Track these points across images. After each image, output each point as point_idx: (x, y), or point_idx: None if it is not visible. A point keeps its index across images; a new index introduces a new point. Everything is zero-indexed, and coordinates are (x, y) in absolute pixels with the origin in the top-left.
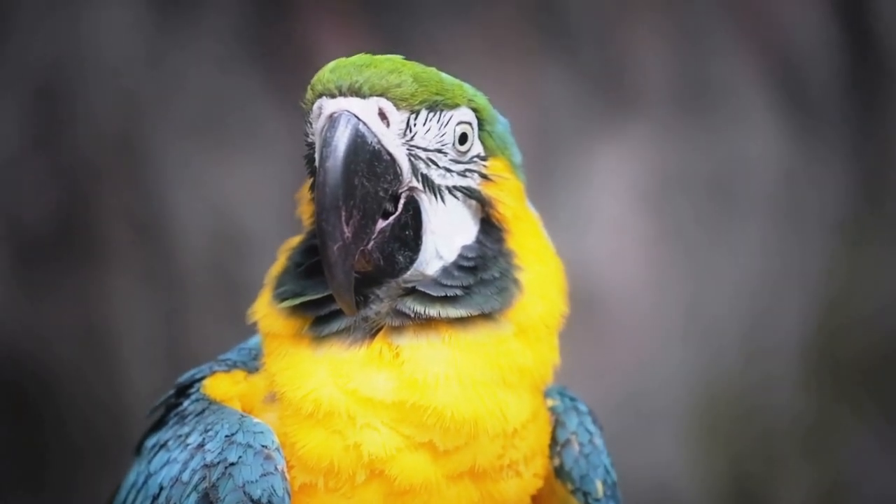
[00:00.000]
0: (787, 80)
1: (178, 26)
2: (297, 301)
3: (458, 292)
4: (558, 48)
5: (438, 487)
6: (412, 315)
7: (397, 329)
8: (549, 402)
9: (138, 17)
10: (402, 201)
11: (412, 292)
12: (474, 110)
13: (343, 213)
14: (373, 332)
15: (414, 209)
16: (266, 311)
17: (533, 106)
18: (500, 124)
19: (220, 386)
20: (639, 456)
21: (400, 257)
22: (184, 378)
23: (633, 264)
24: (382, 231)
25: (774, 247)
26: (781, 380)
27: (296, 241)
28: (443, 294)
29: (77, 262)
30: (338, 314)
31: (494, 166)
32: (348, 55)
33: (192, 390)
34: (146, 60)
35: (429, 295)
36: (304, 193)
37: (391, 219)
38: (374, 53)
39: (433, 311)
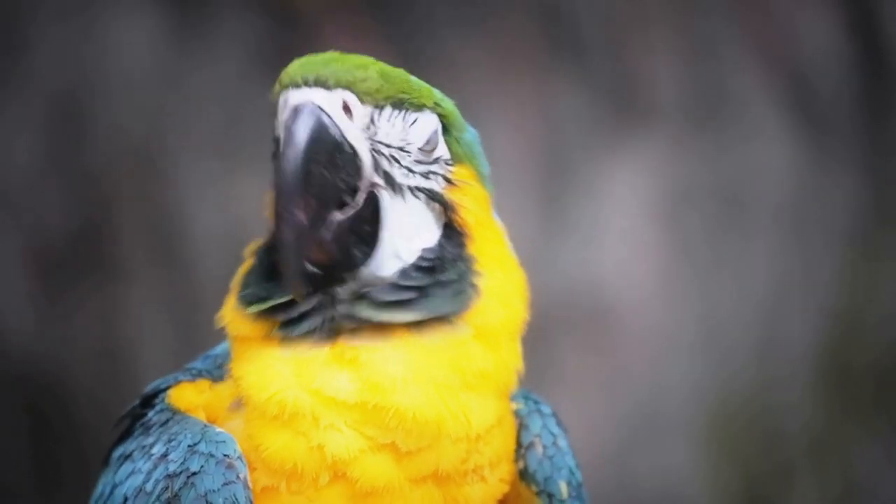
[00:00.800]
0: (799, 93)
1: (196, 41)
2: (264, 306)
3: (412, 295)
4: (570, 62)
5: (402, 490)
6: (364, 319)
7: (354, 332)
8: (514, 406)
9: (157, 32)
10: (362, 195)
11: (363, 298)
12: (440, 115)
13: (301, 200)
14: (333, 331)
15: (374, 206)
16: (233, 315)
17: (545, 119)
18: (469, 133)
19: (185, 396)
20: (650, 465)
21: (356, 252)
22: (149, 388)
23: (645, 276)
24: (341, 224)
25: (785, 259)
26: (792, 390)
27: (259, 242)
28: (394, 299)
29: (95, 277)
30: (305, 316)
31: (460, 172)
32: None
33: (157, 400)
34: (164, 75)
35: (380, 300)
36: (270, 197)
37: (350, 212)
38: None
39: (385, 315)
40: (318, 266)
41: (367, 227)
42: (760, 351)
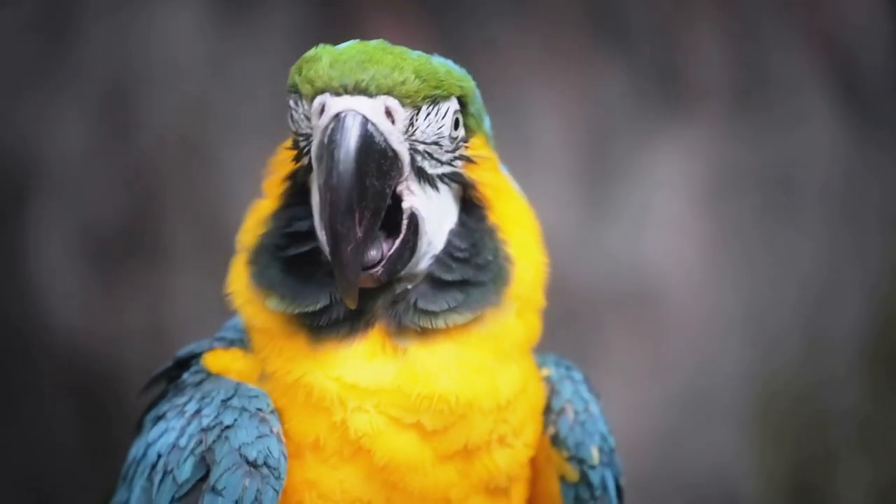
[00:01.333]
0: (846, 76)
1: (242, 30)
2: (294, 310)
3: (460, 298)
4: (616, 46)
5: (426, 468)
6: (418, 329)
7: (399, 332)
8: (545, 372)
9: (203, 22)
10: (404, 221)
11: (412, 305)
12: (460, 96)
13: (357, 216)
14: (368, 326)
15: (414, 225)
16: (247, 298)
17: (590, 103)
18: (478, 97)
19: (220, 360)
20: (697, 448)
21: (399, 266)
22: (183, 352)
23: (691, 260)
24: (391, 258)
25: (832, 241)
26: (840, 374)
27: (265, 209)
28: (445, 306)
29: (144, 262)
30: (327, 309)
31: (474, 145)
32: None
33: (192, 363)
34: (210, 63)
35: (429, 309)
36: (275, 168)
37: (397, 242)
38: (431, 53)
39: (439, 321)
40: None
41: (409, 244)
42: (807, 333)
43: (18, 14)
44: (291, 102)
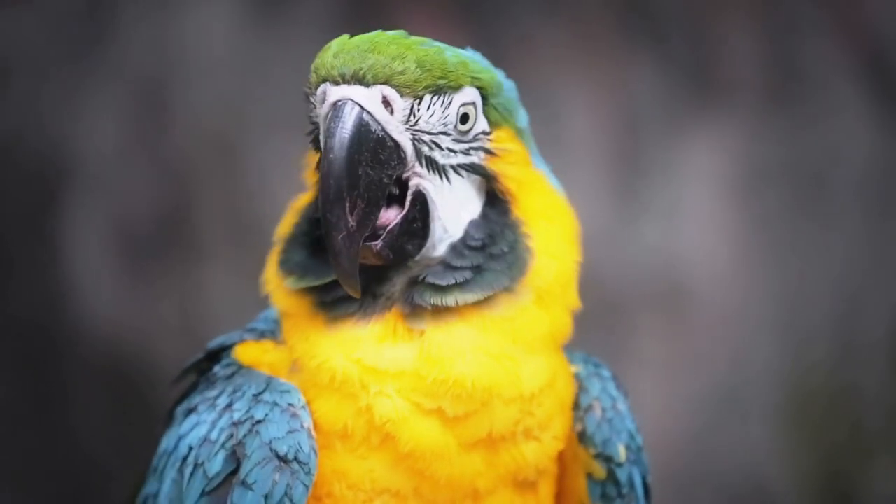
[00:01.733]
0: (879, 69)
1: (276, 26)
2: (303, 284)
3: (469, 275)
4: (648, 40)
5: (451, 455)
6: (428, 307)
7: (414, 314)
8: (574, 369)
9: (238, 18)
10: (408, 196)
11: (423, 283)
12: (479, 88)
13: (347, 204)
14: (384, 309)
15: (421, 202)
16: (276, 284)
17: (623, 97)
18: (506, 91)
19: (251, 353)
20: (729, 445)
21: (409, 246)
22: (214, 344)
23: (723, 255)
24: (391, 231)
25: (865, 237)
26: (872, 369)
27: (303, 200)
28: (453, 281)
29: (178, 257)
30: (337, 286)
31: (499, 138)
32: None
33: (223, 356)
34: (244, 59)
35: (438, 284)
36: (310, 160)
37: (399, 217)
38: (464, 47)
39: (450, 299)
40: (371, 266)
41: (416, 224)
42: (840, 330)
43: (55, 12)
44: (306, 91)
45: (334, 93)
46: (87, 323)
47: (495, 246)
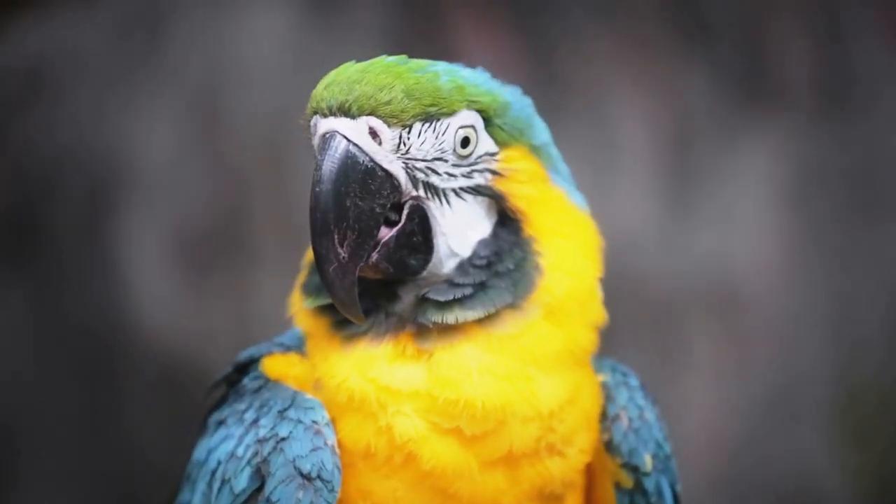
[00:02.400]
0: None
1: (330, 32)
2: (316, 304)
3: (469, 291)
4: (699, 45)
5: (472, 474)
6: (431, 325)
7: (421, 333)
8: (601, 378)
9: (291, 24)
10: (405, 211)
11: (426, 300)
12: (478, 111)
13: (336, 236)
14: (397, 327)
15: (420, 216)
16: (299, 306)
17: (674, 103)
18: (515, 110)
19: (278, 366)
20: (782, 451)
21: (412, 261)
22: (243, 356)
23: (775, 261)
24: (386, 244)
25: None
26: None
27: None
28: (452, 297)
29: (232, 260)
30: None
31: (508, 157)
32: (494, 57)
33: (251, 368)
34: (298, 66)
35: (440, 300)
36: None
37: (394, 230)
38: (515, 53)
39: (451, 317)
40: (376, 280)
41: (416, 238)
42: (892, 335)
43: (111, 18)
44: (301, 122)
45: (323, 125)
46: (143, 329)
47: (501, 264)
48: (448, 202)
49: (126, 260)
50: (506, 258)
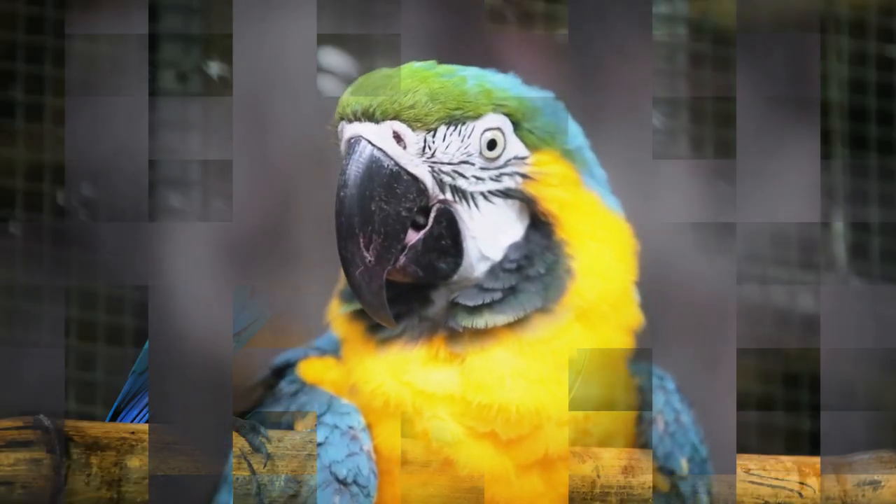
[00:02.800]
0: None
1: (373, 37)
2: (350, 308)
3: (498, 296)
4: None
5: (508, 476)
6: (461, 329)
7: (452, 337)
8: (636, 381)
9: (336, 29)
10: (432, 214)
11: (456, 305)
12: (506, 114)
13: (361, 240)
14: (431, 331)
15: (448, 220)
16: (335, 313)
17: (718, 107)
18: (545, 114)
19: (315, 369)
20: None
21: (442, 265)
22: (279, 360)
23: None
24: (413, 247)
25: None
26: None
27: None
28: (481, 301)
29: (278, 267)
30: (397, 319)
31: (539, 161)
32: (530, 62)
33: (288, 372)
34: (344, 71)
35: (471, 305)
36: None
37: (421, 234)
38: (555, 56)
39: (480, 321)
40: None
41: (445, 242)
42: None
43: (159, 24)
44: (329, 129)
45: (348, 130)
46: (188, 335)
47: (532, 267)
48: (476, 205)
49: (170, 263)
50: (537, 262)
